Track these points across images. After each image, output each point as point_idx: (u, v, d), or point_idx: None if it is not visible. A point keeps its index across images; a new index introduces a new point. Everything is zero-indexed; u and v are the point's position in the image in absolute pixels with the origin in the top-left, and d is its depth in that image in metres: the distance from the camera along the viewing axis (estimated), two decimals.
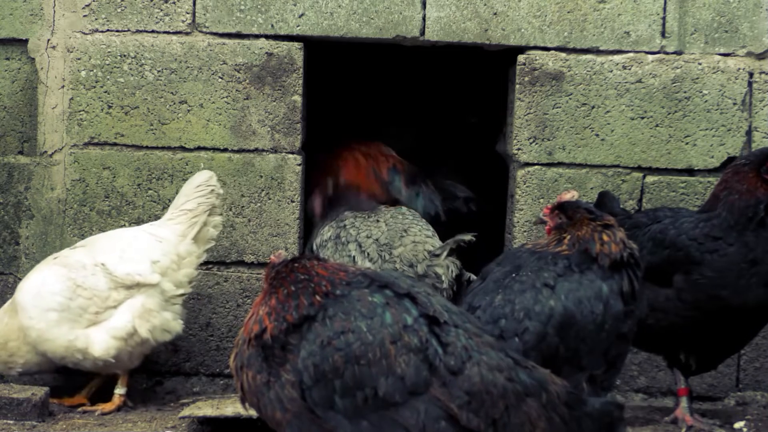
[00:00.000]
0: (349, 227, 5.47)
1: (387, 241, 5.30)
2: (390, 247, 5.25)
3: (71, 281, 5.07)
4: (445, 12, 5.54)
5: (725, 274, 4.83)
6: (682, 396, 5.10)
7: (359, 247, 5.35)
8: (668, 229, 4.95)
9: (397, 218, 5.45)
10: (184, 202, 5.27)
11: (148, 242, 5.19)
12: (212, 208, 5.27)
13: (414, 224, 5.38)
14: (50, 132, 5.65)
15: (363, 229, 5.42)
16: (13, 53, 5.66)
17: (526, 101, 5.58)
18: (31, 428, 4.87)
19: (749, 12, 5.55)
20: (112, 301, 5.07)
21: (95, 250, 5.18)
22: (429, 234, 5.32)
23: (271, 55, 5.56)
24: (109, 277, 5.09)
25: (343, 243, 5.43)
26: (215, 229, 5.31)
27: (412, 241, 5.25)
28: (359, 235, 5.39)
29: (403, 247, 5.22)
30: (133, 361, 5.19)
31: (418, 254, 5.18)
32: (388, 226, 5.37)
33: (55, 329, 5.03)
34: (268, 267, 3.69)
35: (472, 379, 3.39)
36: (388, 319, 3.45)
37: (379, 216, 5.53)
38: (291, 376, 3.43)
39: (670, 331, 4.93)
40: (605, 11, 5.55)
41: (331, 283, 3.56)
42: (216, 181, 5.29)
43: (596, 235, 4.14)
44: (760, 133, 5.59)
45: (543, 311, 3.96)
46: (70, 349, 5.05)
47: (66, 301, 5.04)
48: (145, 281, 5.11)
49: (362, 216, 5.54)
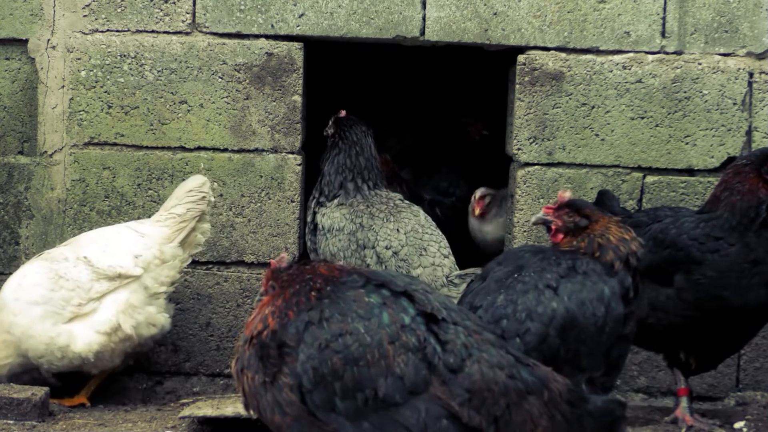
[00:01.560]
0: (367, 229, 5.21)
1: (406, 257, 5.15)
2: (409, 265, 5.12)
3: (53, 272, 5.08)
4: (445, 12, 5.54)
5: (726, 275, 4.83)
6: (682, 396, 5.10)
7: (377, 257, 5.16)
8: (669, 229, 4.95)
9: (417, 229, 5.23)
10: (174, 205, 5.28)
11: (131, 237, 5.21)
12: (202, 215, 5.28)
13: (433, 241, 5.21)
14: (50, 132, 5.65)
15: (382, 236, 5.18)
16: (13, 53, 5.66)
17: (526, 101, 5.58)
18: (31, 428, 4.86)
19: (749, 12, 5.56)
20: (94, 292, 5.07)
21: (79, 246, 5.21)
22: (446, 253, 5.20)
23: (271, 55, 5.56)
24: (91, 269, 5.09)
25: (361, 246, 5.20)
26: (203, 235, 5.33)
27: (431, 263, 5.14)
28: (378, 243, 5.18)
29: (422, 269, 5.12)
30: (114, 359, 5.17)
31: (438, 279, 5.09)
32: (407, 238, 5.18)
33: (38, 325, 5.02)
34: (270, 270, 3.68)
35: (472, 376, 3.39)
36: (385, 320, 3.44)
37: (395, 218, 5.26)
38: (289, 379, 3.43)
39: (671, 331, 4.93)
40: (605, 11, 5.55)
41: (325, 281, 3.56)
42: (209, 188, 5.28)
43: (623, 233, 4.16)
44: (760, 133, 5.60)
45: (545, 312, 3.96)
46: (51, 347, 5.04)
47: (48, 293, 5.04)
48: (127, 273, 5.11)
49: (379, 215, 5.24)
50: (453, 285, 5.06)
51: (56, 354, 5.05)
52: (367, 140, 5.42)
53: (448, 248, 5.23)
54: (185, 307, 5.45)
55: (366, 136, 5.40)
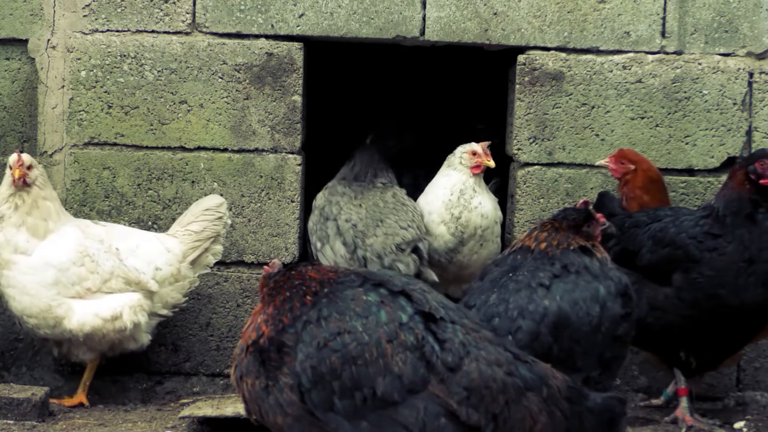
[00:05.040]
0: (333, 204, 5.52)
1: (363, 228, 5.36)
2: (364, 236, 5.34)
3: (83, 247, 5.09)
4: (445, 12, 5.55)
5: (723, 273, 4.84)
6: (682, 396, 5.11)
7: (337, 228, 5.43)
8: (668, 228, 4.97)
9: (379, 205, 5.48)
10: (190, 222, 5.31)
11: (157, 248, 5.24)
12: (216, 236, 5.32)
13: (393, 213, 5.41)
14: (50, 132, 5.65)
15: (345, 210, 5.46)
16: (13, 53, 5.66)
17: (526, 101, 5.59)
18: (31, 428, 4.86)
19: (749, 12, 5.56)
20: (107, 287, 5.08)
21: (114, 234, 5.23)
22: (404, 225, 5.35)
23: (271, 55, 5.56)
24: (118, 263, 5.11)
25: (325, 218, 5.51)
26: (214, 257, 5.38)
27: (384, 233, 5.32)
28: (339, 216, 5.45)
29: (375, 238, 5.31)
30: (95, 348, 5.16)
31: (387, 247, 5.27)
32: (367, 212, 5.42)
33: (44, 289, 5.02)
34: (264, 277, 3.69)
35: (470, 374, 3.39)
36: (383, 318, 3.45)
37: (363, 196, 5.55)
38: (289, 379, 3.43)
39: (670, 330, 4.94)
40: (605, 11, 5.55)
41: (321, 283, 3.57)
42: (226, 209, 5.35)
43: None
44: (760, 133, 5.59)
45: (537, 310, 3.96)
46: (46, 314, 5.02)
47: (68, 263, 5.05)
48: (146, 284, 5.13)
49: (351, 194, 5.57)
50: (400, 251, 5.26)
51: (49, 322, 5.05)
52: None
53: (413, 222, 5.36)
54: (185, 307, 5.44)
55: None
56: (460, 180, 5.43)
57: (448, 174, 5.50)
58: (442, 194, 5.45)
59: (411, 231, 5.34)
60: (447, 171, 5.51)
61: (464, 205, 5.40)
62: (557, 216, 4.32)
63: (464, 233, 5.41)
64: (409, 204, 5.52)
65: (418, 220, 5.42)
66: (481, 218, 5.42)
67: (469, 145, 5.49)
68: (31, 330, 5.12)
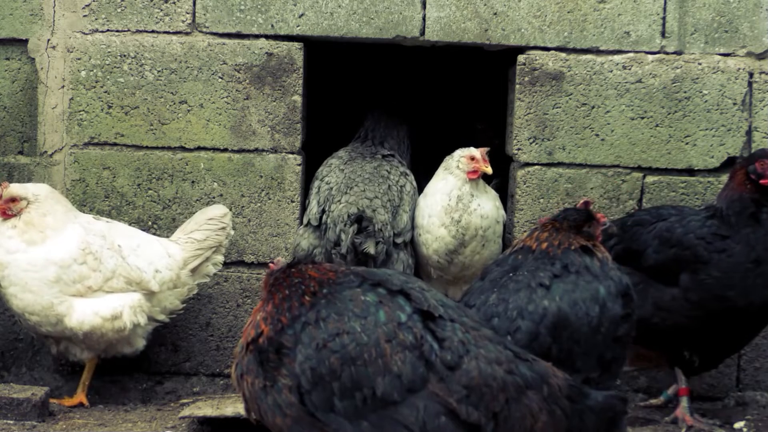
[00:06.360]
0: (326, 165, 5.62)
1: (335, 192, 5.39)
2: (332, 201, 5.36)
3: (86, 244, 5.09)
4: (445, 12, 5.55)
5: (731, 275, 4.83)
6: (682, 396, 5.11)
7: (318, 189, 5.49)
8: (675, 228, 4.95)
9: (356, 172, 5.51)
10: (193, 230, 5.31)
11: (159, 251, 5.24)
12: (218, 246, 5.32)
13: (359, 184, 5.42)
14: (50, 132, 5.65)
15: (331, 172, 5.54)
16: (13, 53, 5.66)
17: (526, 101, 5.59)
18: (31, 428, 4.86)
19: (749, 12, 5.55)
20: (108, 286, 5.07)
21: (116, 231, 5.23)
22: (370, 196, 5.35)
23: (271, 55, 5.57)
24: (120, 261, 5.11)
25: (315, 177, 5.60)
26: (214, 267, 5.38)
27: (346, 201, 5.32)
28: (323, 177, 5.53)
29: (337, 204, 5.32)
30: (93, 347, 5.15)
31: (342, 215, 5.26)
32: (344, 178, 5.46)
33: (46, 287, 5.01)
34: (267, 274, 3.70)
35: (470, 373, 3.39)
36: (381, 318, 3.45)
37: (354, 163, 5.59)
38: (288, 380, 3.43)
39: (675, 331, 4.92)
40: (605, 11, 5.55)
41: (319, 284, 3.57)
42: (229, 220, 5.35)
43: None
44: (760, 133, 5.59)
45: (536, 311, 3.96)
46: (48, 311, 5.02)
47: (71, 260, 5.04)
48: (147, 283, 5.13)
49: (345, 157, 5.65)
50: (353, 222, 5.24)
51: (51, 319, 5.04)
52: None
53: (376, 194, 5.37)
54: (185, 307, 5.44)
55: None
56: (457, 185, 5.42)
57: (445, 178, 5.48)
58: (440, 199, 5.44)
59: (375, 201, 5.33)
60: (444, 174, 5.50)
61: (463, 209, 5.39)
62: (558, 216, 4.33)
63: (465, 235, 5.40)
64: (392, 178, 5.53)
65: (392, 194, 5.44)
66: (482, 219, 5.41)
67: (468, 149, 5.47)
68: (32, 327, 5.12)
